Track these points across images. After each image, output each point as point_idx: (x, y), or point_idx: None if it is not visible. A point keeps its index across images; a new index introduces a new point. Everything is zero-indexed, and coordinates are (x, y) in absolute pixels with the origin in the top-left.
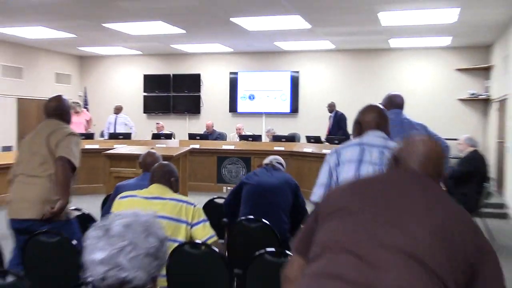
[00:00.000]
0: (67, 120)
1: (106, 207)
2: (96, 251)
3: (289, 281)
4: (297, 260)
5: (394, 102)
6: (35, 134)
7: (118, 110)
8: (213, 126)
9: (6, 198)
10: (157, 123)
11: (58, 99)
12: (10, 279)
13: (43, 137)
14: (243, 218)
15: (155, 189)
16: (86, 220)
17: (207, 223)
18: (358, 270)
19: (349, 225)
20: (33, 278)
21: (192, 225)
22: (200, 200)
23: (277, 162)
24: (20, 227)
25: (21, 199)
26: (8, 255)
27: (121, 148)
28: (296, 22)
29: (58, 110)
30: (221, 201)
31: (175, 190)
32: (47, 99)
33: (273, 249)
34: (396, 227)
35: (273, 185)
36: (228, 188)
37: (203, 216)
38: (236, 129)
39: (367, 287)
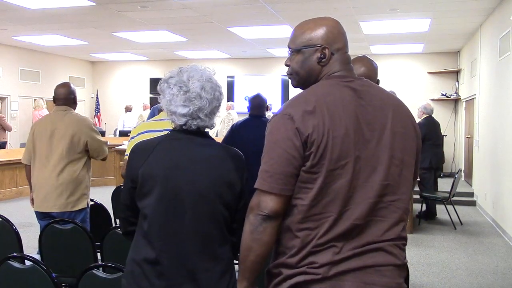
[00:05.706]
0: (74, 106)
1: None
2: (179, 106)
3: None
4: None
5: None
6: (52, 124)
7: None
8: None
9: (26, 190)
10: None
11: (66, 85)
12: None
13: (66, 129)
14: None
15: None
16: (98, 210)
17: None
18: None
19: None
20: (49, 262)
21: None
22: None
23: None
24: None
25: (49, 191)
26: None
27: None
28: (286, 31)
29: (65, 95)
30: None
31: None
32: (56, 85)
33: None
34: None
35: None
36: None
37: None
38: (226, 107)
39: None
